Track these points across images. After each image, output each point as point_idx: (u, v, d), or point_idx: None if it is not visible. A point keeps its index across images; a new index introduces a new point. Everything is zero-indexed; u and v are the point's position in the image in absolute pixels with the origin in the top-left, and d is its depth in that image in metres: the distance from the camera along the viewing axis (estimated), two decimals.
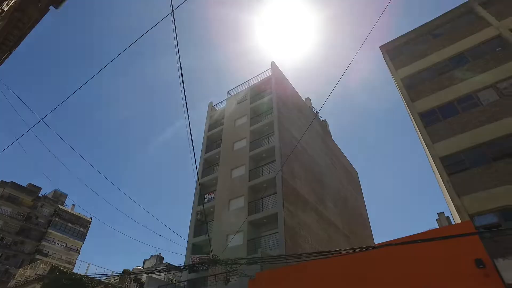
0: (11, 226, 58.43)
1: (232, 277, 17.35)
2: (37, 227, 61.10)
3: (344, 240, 26.44)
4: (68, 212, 66.94)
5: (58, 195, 69.57)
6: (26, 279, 24.80)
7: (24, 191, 62.72)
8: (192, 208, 25.41)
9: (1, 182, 60.28)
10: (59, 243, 62.37)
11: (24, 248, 58.20)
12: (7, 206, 59.11)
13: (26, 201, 61.58)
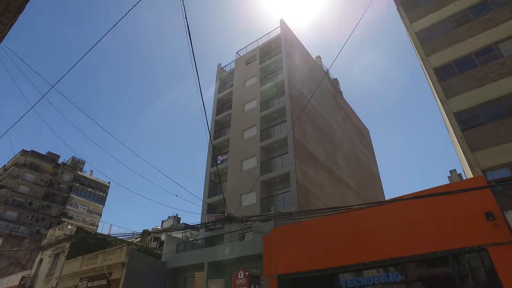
0: (36, 192, 61.45)
1: (247, 234, 18.18)
2: (60, 192, 64.05)
3: (355, 198, 26.94)
4: (87, 178, 69.57)
5: (76, 162, 71.87)
6: (56, 239, 26.49)
7: (44, 159, 65.05)
8: (205, 170, 26.05)
9: (22, 151, 62.43)
10: (81, 206, 65.57)
11: (51, 211, 61.57)
12: (31, 173, 61.71)
13: (47, 169, 64.08)
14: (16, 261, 34.65)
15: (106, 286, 18.35)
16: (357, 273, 12.27)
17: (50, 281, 23.95)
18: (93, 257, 21.02)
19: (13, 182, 58.77)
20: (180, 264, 19.42)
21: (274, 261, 14.07)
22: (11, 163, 63.27)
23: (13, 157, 63.79)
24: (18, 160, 61.46)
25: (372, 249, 11.78)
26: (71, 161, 71.13)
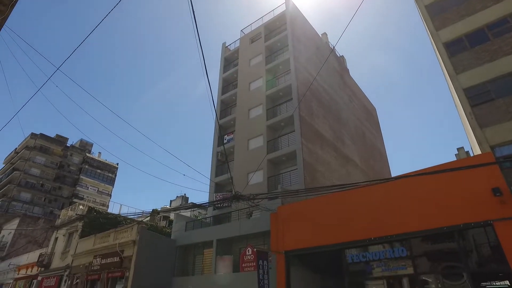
0: (48, 174, 62.73)
1: (254, 211, 18.48)
2: (70, 174, 65.30)
3: (362, 176, 27.00)
4: (96, 160, 70.60)
5: (84, 144, 72.76)
6: (69, 219, 27.27)
7: (53, 141, 65.97)
8: (212, 150, 26.22)
9: (32, 134, 63.31)
10: (91, 187, 66.92)
11: (62, 193, 63.02)
12: (41, 156, 62.79)
13: (56, 151, 65.09)
14: (33, 240, 35.91)
15: (118, 263, 18.97)
16: (363, 248, 12.49)
17: (66, 258, 24.84)
18: (105, 235, 21.64)
19: (25, 165, 59.97)
20: (189, 241, 19.92)
21: (281, 237, 14.35)
22: (21, 146, 64.33)
23: (24, 140, 64.77)
24: (28, 143, 62.44)
25: (378, 225, 11.92)
26: (79, 143, 72.05)
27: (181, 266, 19.88)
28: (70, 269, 23.52)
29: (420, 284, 10.80)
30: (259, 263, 12.80)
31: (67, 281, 23.33)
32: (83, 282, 21.43)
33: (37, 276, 27.32)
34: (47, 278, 25.69)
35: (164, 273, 19.02)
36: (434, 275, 10.95)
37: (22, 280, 29.84)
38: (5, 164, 69.25)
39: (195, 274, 19.04)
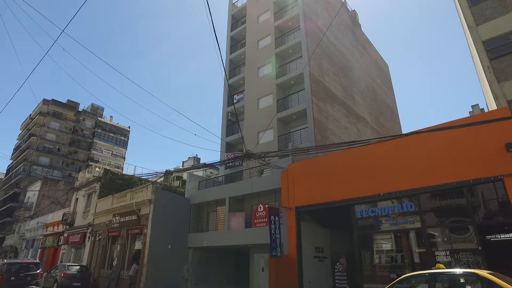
0: (63, 138, 64.30)
1: (265, 169, 18.84)
2: (84, 138, 66.76)
3: (372, 134, 26.87)
4: (108, 124, 71.64)
5: (95, 108, 73.45)
6: (87, 181, 28.39)
7: (65, 107, 66.79)
8: (222, 110, 26.27)
9: (44, 100, 64.04)
10: (105, 151, 68.61)
11: (78, 156, 64.94)
12: (55, 121, 64.00)
13: (69, 116, 66.11)
14: (56, 201, 37.81)
15: (136, 220, 19.93)
16: (372, 204, 12.78)
17: (88, 217, 26.21)
18: (122, 195, 22.56)
19: (40, 130, 61.41)
20: (203, 200, 20.65)
21: (292, 194, 14.73)
22: (35, 112, 65.45)
23: (37, 106, 65.73)
24: (41, 109, 63.43)
25: (388, 181, 12.07)
26: (91, 108, 72.79)
27: (195, 223, 20.80)
28: (92, 226, 24.90)
29: (426, 237, 11.10)
30: (271, 219, 13.28)
31: (90, 237, 24.80)
32: (105, 238, 22.76)
33: (63, 233, 29.15)
34: (72, 234, 27.38)
35: (180, 229, 19.98)
36: (440, 229, 11.21)
37: (50, 236, 31.99)
38: (22, 130, 71.03)
39: (209, 230, 19.95)
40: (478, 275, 5.76)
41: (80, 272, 18.92)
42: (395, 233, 12.44)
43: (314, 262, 15.27)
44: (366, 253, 13.28)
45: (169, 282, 18.24)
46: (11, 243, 42.81)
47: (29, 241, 37.84)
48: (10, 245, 42.83)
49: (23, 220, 42.20)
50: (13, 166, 65.74)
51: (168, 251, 18.79)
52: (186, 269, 19.07)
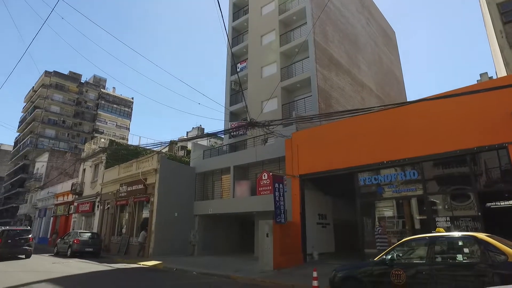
0: (67, 110, 64.41)
1: (269, 138, 18.93)
2: (88, 110, 66.78)
3: (377, 102, 26.58)
4: (111, 95, 71.32)
5: (98, 79, 72.83)
6: (93, 151, 28.78)
7: (67, 78, 66.29)
8: (225, 79, 25.99)
9: (46, 72, 63.49)
10: (110, 122, 68.82)
11: (83, 128, 65.33)
12: (58, 93, 63.79)
13: (72, 88, 65.75)
14: (64, 171, 38.59)
15: (143, 189, 20.39)
16: (375, 172, 12.91)
17: (96, 187, 26.83)
18: (128, 165, 22.93)
19: (44, 103, 61.42)
20: (208, 168, 20.96)
21: (296, 162, 14.89)
22: (38, 84, 65.16)
23: (39, 78, 65.33)
24: (44, 81, 63.06)
25: (391, 149, 12.13)
26: (93, 79, 72.21)
27: (201, 192, 21.25)
28: (100, 196, 25.55)
29: (428, 204, 11.28)
30: (275, 186, 13.51)
31: (99, 206, 25.53)
32: (113, 207, 23.42)
33: (73, 202, 30.01)
34: (81, 204, 28.17)
35: (186, 198, 20.47)
36: (442, 196, 11.38)
37: (61, 206, 32.99)
38: (26, 102, 71.11)
39: (214, 198, 20.42)
40: (476, 238, 5.91)
41: (92, 239, 19.64)
42: (397, 200, 12.67)
43: (317, 228, 15.73)
44: (368, 219, 13.59)
45: (177, 247, 18.95)
46: (24, 212, 44.30)
47: (41, 210, 39.10)
48: (24, 214, 44.35)
49: (34, 190, 43.38)
50: (20, 138, 66.50)
51: (175, 218, 19.36)
52: (193, 235, 19.74)
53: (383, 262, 6.58)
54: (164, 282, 10.24)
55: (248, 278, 10.94)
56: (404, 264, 6.40)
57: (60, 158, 43.18)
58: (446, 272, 5.87)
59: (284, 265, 12.44)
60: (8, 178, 63.27)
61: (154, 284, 10.06)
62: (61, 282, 9.83)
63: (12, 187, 58.58)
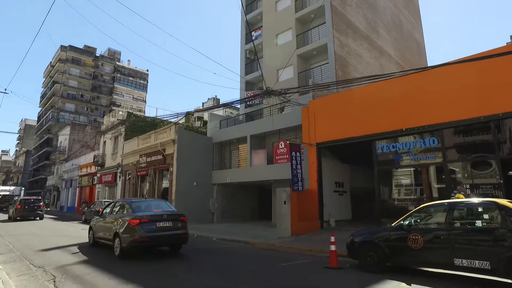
0: (84, 85, 65.35)
1: (286, 107, 18.81)
2: (104, 83, 67.51)
3: (396, 69, 25.59)
4: (127, 68, 71.54)
5: (113, 53, 72.85)
6: (112, 124, 29.41)
7: (83, 52, 66.62)
8: (240, 48, 25.57)
9: (61, 47, 63.89)
10: (126, 95, 69.58)
11: (101, 102, 66.43)
12: (75, 68, 64.47)
13: (87, 62, 66.20)
14: (86, 144, 39.82)
15: (162, 160, 20.89)
16: (393, 139, 12.75)
17: (116, 158, 27.67)
18: (147, 137, 23.40)
19: (62, 77, 62.39)
20: (225, 138, 21.18)
21: (312, 130, 14.83)
22: (55, 59, 65.89)
23: (56, 53, 65.95)
24: (60, 56, 63.67)
25: (410, 116, 11.86)
26: (108, 52, 72.29)
27: (218, 161, 21.62)
28: (121, 167, 26.40)
29: (447, 173, 11.13)
30: (292, 155, 13.59)
31: (121, 177, 26.45)
32: (134, 177, 24.22)
33: (96, 173, 31.21)
34: (104, 174, 29.26)
35: (204, 167, 20.90)
36: (462, 164, 11.17)
37: (85, 177, 34.43)
38: (45, 78, 72.43)
39: (232, 167, 20.77)
40: (497, 203, 5.84)
41: None
42: (416, 168, 12.56)
43: (334, 195, 15.89)
44: (385, 187, 13.61)
45: (197, 215, 19.59)
46: (52, 183, 46.58)
47: (67, 181, 40.92)
48: (52, 185, 46.64)
49: (59, 162, 45.20)
50: (42, 113, 68.47)
51: (193, 187, 19.91)
52: (212, 204, 20.35)
53: (401, 228, 6.66)
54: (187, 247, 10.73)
55: (266, 243, 11.32)
56: (421, 229, 6.45)
57: (81, 131, 44.45)
58: (465, 237, 5.90)
59: (302, 232, 12.76)
60: (35, 151, 65.94)
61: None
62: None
63: (39, 160, 61.20)
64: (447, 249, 5.90)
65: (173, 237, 8.73)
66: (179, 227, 8.81)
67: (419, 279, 6.08)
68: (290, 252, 9.81)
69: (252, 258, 8.93)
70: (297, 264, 7.91)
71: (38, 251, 9.49)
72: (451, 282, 5.98)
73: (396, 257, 6.64)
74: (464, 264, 5.63)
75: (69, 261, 7.91)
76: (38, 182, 58.21)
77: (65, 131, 46.78)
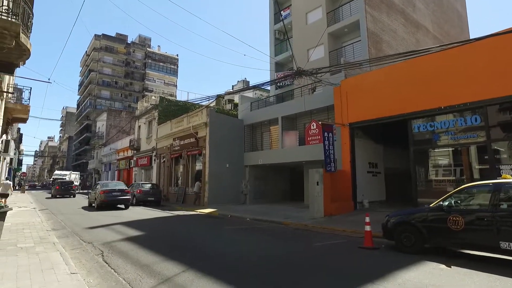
0: (118, 72, 67.58)
1: (317, 87, 18.47)
2: (136, 70, 69.41)
3: (434, 43, 24.12)
4: (157, 53, 72.92)
5: (143, 39, 74.35)
6: (146, 109, 30.37)
7: (115, 40, 68.56)
8: (268, 29, 25.17)
9: (95, 36, 66.09)
10: (158, 80, 71.25)
11: (134, 88, 68.58)
12: (108, 55, 66.66)
13: (120, 49, 68.12)
14: (122, 129, 41.59)
15: (195, 143, 21.40)
16: (430, 118, 12.22)
17: (151, 142, 28.70)
18: (179, 120, 23.98)
19: (97, 65, 64.86)
20: (256, 120, 21.24)
21: (345, 110, 14.53)
22: (90, 49, 68.45)
23: (90, 43, 68.43)
24: (94, 45, 65.99)
25: (450, 93, 11.27)
26: (138, 39, 73.87)
27: (250, 143, 21.82)
28: (156, 150, 27.37)
29: (490, 153, 10.54)
30: (325, 135, 13.44)
31: (156, 160, 27.47)
32: (168, 160, 25.07)
33: (132, 157, 32.64)
34: (140, 158, 30.53)
35: (236, 149, 21.21)
36: (508, 143, 10.49)
37: (123, 160, 36.16)
38: (82, 66, 75.63)
39: (263, 149, 20.91)
40: None
41: (152, 189, 21.42)
42: (455, 148, 12.01)
43: (368, 176, 15.63)
44: (421, 168, 13.17)
45: (229, 196, 20.09)
46: (93, 166, 49.47)
47: (106, 164, 43.19)
48: (93, 168, 49.53)
49: (98, 147, 47.69)
50: (81, 100, 72.00)
51: (226, 169, 20.32)
52: (244, 185, 20.72)
53: (440, 208, 6.48)
54: (222, 226, 11.12)
55: (299, 224, 11.45)
56: (462, 210, 6.24)
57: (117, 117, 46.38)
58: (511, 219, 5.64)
59: (335, 212, 12.75)
60: (76, 137, 69.90)
61: (215, 227, 11.01)
62: (132, 224, 11.11)
63: (80, 145, 64.85)
64: (491, 232, 5.68)
65: (120, 200, 17.55)
66: (124, 195, 17.71)
67: (460, 262, 5.93)
68: (323, 232, 9.87)
69: (286, 238, 9.10)
70: (331, 244, 7.97)
71: (85, 228, 10.23)
72: (497, 266, 5.72)
73: (435, 238, 6.50)
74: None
75: (113, 238, 8.45)
76: (81, 166, 61.89)
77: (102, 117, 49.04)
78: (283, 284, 4.76)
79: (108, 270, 5.44)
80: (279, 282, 4.83)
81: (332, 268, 5.68)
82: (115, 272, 5.31)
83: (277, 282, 4.85)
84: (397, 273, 5.17)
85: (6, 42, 6.99)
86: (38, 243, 7.25)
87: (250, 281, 4.93)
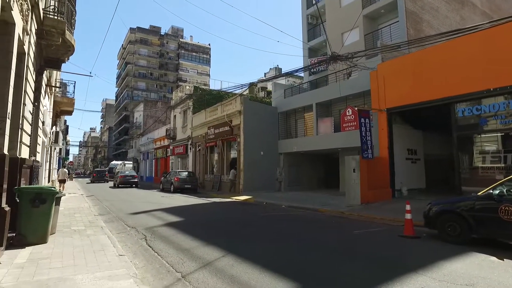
0: (152, 63, 69.55)
1: (353, 72, 17.92)
2: (170, 60, 71.00)
3: (482, 20, 22.40)
4: (190, 43, 74.04)
5: (176, 30, 75.65)
6: (180, 99, 31.11)
7: (149, 32, 70.41)
8: (301, 13, 24.61)
9: (130, 29, 68.23)
10: (191, 70, 72.50)
11: (168, 78, 70.37)
12: (143, 48, 68.71)
13: (154, 41, 69.90)
14: (158, 119, 43.03)
15: (229, 131, 21.66)
16: (476, 101, 11.51)
17: (186, 131, 29.45)
18: (214, 109, 24.33)
19: (133, 58, 67.11)
20: (290, 107, 21.07)
21: (382, 95, 14.02)
22: (126, 42, 70.88)
23: (126, 36, 70.78)
24: (130, 38, 68.18)
25: (499, 74, 10.52)
26: (171, 30, 75.28)
27: (284, 130, 21.74)
28: (191, 139, 28.06)
29: None
30: (361, 121, 13.07)
31: (191, 148, 28.20)
32: (204, 149, 25.63)
33: (169, 146, 33.74)
34: (176, 147, 31.48)
35: (270, 137, 21.24)
36: None
37: (160, 149, 37.54)
38: (119, 59, 78.65)
39: (298, 136, 20.76)
40: None
41: (189, 177, 22.08)
42: (505, 133, 11.23)
43: (407, 163, 15.10)
44: (464, 155, 12.50)
45: (264, 184, 20.25)
46: (132, 155, 51.83)
47: (144, 153, 45.03)
48: (132, 157, 51.91)
49: (136, 137, 49.75)
50: (119, 92, 75.18)
51: (261, 157, 20.45)
52: (279, 172, 20.77)
53: (490, 197, 6.12)
54: (259, 213, 11.28)
55: (336, 211, 11.35)
56: None
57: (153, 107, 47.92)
58: None
59: (372, 200, 12.48)
60: (116, 127, 73.33)
61: (251, 214, 11.21)
62: (171, 211, 11.59)
63: (119, 135, 68.03)
64: None
65: (131, 181, 27.65)
66: (134, 178, 27.98)
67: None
68: (360, 220, 9.73)
69: (323, 225, 9.06)
70: (370, 232, 7.84)
71: (129, 214, 10.81)
72: None
73: (483, 228, 6.16)
74: None
75: (155, 223, 8.86)
76: (121, 155, 65.07)
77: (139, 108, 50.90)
78: (329, 274, 4.76)
79: (152, 253, 5.73)
80: (327, 271, 4.81)
81: (374, 257, 5.57)
82: (159, 255, 5.59)
83: (324, 271, 4.82)
84: (441, 263, 4.99)
85: (54, 39, 7.43)
86: (88, 226, 7.81)
87: (298, 268, 4.89)
